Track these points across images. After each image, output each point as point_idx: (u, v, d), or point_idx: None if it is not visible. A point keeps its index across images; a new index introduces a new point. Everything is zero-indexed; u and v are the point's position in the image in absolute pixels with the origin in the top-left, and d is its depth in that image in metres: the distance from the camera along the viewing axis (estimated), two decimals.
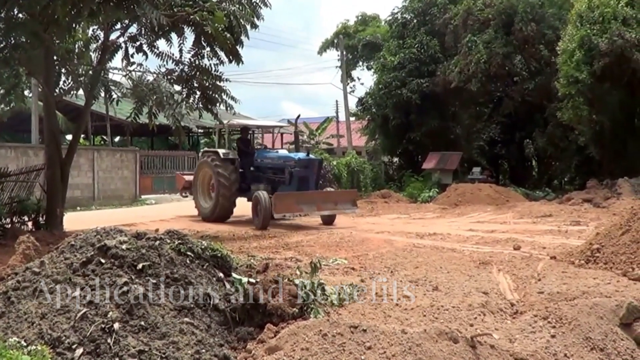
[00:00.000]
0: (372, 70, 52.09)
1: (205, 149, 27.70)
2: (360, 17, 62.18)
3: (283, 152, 28.04)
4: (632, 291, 9.45)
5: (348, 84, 58.74)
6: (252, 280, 8.58)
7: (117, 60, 25.32)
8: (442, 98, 42.86)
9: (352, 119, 56.22)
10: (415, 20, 45.87)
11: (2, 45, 17.68)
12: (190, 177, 28.54)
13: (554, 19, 39.06)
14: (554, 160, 43.82)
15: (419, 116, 42.92)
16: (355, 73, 63.65)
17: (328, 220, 24.49)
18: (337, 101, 65.77)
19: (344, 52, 56.86)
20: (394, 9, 48.80)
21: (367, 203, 33.57)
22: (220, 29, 17.85)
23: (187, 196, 29.37)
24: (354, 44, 57.93)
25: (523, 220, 23.96)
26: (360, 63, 60.86)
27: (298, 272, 10.08)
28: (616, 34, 29.69)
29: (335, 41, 59.34)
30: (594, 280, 10.30)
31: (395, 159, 51.43)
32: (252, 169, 26.19)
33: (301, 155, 25.17)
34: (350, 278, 11.23)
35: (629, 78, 31.86)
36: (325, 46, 61.75)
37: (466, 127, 45.73)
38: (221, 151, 25.90)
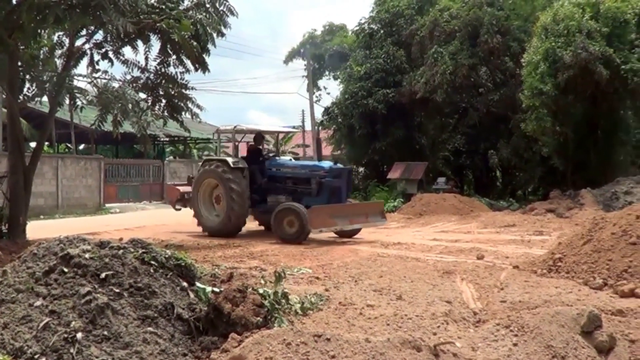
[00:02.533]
0: (339, 80, 52.19)
1: (209, 156, 25.95)
2: (327, 27, 62.30)
3: (302, 161, 26.40)
4: (593, 300, 9.58)
5: (314, 93, 58.98)
6: (216, 289, 8.58)
7: (82, 67, 25.22)
8: (408, 108, 42.98)
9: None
10: (382, 31, 45.96)
11: None
12: (186, 188, 26.28)
13: (520, 32, 39.38)
14: (518, 170, 43.99)
15: (384, 126, 43.02)
16: (321, 82, 63.81)
17: (350, 234, 22.71)
18: (303, 111, 66.02)
19: (311, 62, 56.98)
20: (361, 19, 48.87)
21: None
22: (186, 36, 17.85)
23: (180, 209, 26.97)
24: (320, 54, 58.07)
25: (487, 230, 24.11)
26: (327, 73, 61.02)
27: (262, 282, 10.13)
28: (580, 47, 29.98)
29: (302, 50, 59.51)
30: (556, 289, 10.42)
31: (361, 169, 51.49)
32: (264, 179, 23.89)
33: (328, 164, 23.97)
34: (315, 287, 11.29)
35: (593, 90, 32.18)
36: (292, 55, 61.89)
37: (431, 137, 45.89)
38: (230, 159, 23.59)
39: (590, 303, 9.05)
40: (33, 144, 35.64)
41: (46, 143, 38.96)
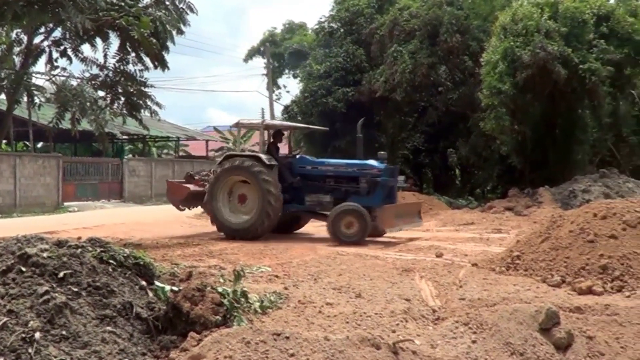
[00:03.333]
0: (298, 78, 52.26)
1: (231, 152, 23.52)
2: (287, 25, 62.29)
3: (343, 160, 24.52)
4: (551, 297, 9.64)
5: (274, 91, 58.93)
6: (175, 288, 8.54)
7: (40, 65, 25.05)
8: (368, 107, 42.98)
9: None
10: (342, 30, 46.04)
11: None
12: (196, 188, 24.16)
13: (479, 31, 39.58)
14: (477, 169, 44.23)
15: (344, 125, 42.95)
16: (281, 81, 63.85)
17: (377, 234, 21.49)
18: (262, 109, 65.80)
19: (271, 60, 56.93)
20: (321, 18, 48.96)
21: None
22: (146, 34, 17.76)
23: (184, 209, 25.23)
24: (280, 52, 58.04)
25: (446, 228, 24.25)
26: (287, 71, 61.02)
27: (221, 280, 10.10)
28: (539, 47, 30.19)
29: (262, 49, 59.41)
30: (514, 287, 10.48)
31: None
32: (297, 177, 22.58)
33: (376, 162, 22.75)
34: (274, 286, 11.25)
35: (551, 90, 32.43)
36: (252, 53, 61.78)
37: (391, 136, 46.00)
38: (263, 156, 21.97)
39: (549, 300, 9.10)
40: None
41: (4, 141, 38.69)
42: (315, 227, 24.42)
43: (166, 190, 25.18)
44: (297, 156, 23.82)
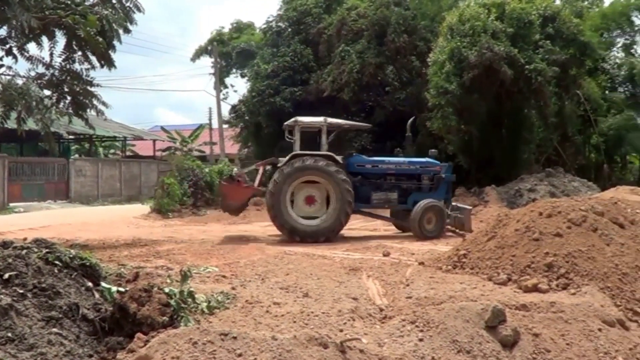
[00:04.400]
0: (246, 77, 52.18)
1: (299, 151, 21.51)
2: (235, 25, 62.08)
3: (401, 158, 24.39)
4: (497, 295, 9.70)
5: (221, 91, 58.73)
6: (121, 289, 8.48)
7: None
8: (315, 106, 42.95)
9: (226, 126, 56.11)
10: (289, 29, 46.15)
11: None
12: (255, 190, 23.77)
13: (426, 31, 39.80)
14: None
15: None
16: (229, 80, 63.62)
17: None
18: (210, 108, 65.72)
19: (218, 59, 56.75)
20: (268, 17, 49.02)
21: None
22: (92, 32, 17.58)
23: (238, 214, 24.69)
24: (228, 51, 57.82)
25: (393, 227, 24.31)
26: (234, 70, 60.81)
27: (169, 281, 10.04)
28: (485, 47, 30.40)
29: (210, 48, 59.18)
30: (461, 285, 10.53)
31: (268, 167, 51.49)
32: (358, 176, 22.69)
33: (433, 159, 23.84)
34: (221, 286, 11.22)
35: (497, 89, 32.65)
36: (199, 53, 61.47)
37: (338, 135, 46.09)
38: (335, 156, 22.18)
39: (495, 298, 9.16)
40: None
41: None
42: (263, 228, 24.43)
43: (222, 195, 23.32)
44: (354, 155, 23.85)
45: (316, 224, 21.15)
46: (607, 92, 42.05)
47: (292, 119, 23.23)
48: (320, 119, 23.10)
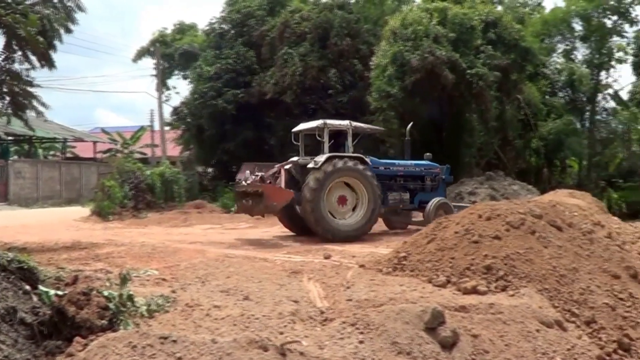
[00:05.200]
0: (188, 79, 51.97)
1: (331, 154, 21.30)
2: (177, 26, 61.74)
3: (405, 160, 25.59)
4: (436, 297, 9.75)
5: (163, 92, 58.40)
6: (60, 292, 8.39)
7: None
8: (258, 109, 43.17)
9: (167, 128, 55.85)
10: (232, 31, 46.16)
11: None
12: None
13: (369, 35, 40.14)
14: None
15: (234, 127, 43.12)
16: (171, 82, 63.16)
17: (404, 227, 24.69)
18: (152, 110, 65.31)
19: (161, 61, 56.45)
20: (211, 19, 48.92)
21: (181, 213, 33.45)
22: (33, 32, 17.42)
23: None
24: (170, 53, 57.50)
25: None
26: (177, 72, 60.47)
27: (108, 284, 9.92)
28: (427, 51, 30.73)
29: (152, 49, 58.81)
30: (401, 287, 10.55)
31: (210, 169, 51.43)
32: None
33: (430, 162, 25.43)
34: (161, 289, 11.13)
35: (439, 93, 32.98)
36: (141, 54, 60.97)
37: (280, 138, 46.09)
38: (365, 157, 22.74)
39: (434, 300, 9.21)
40: None
41: None
42: (203, 230, 24.36)
43: (264, 197, 21.96)
44: (367, 157, 23.43)
45: (350, 224, 21.74)
46: (547, 96, 42.62)
47: (321, 122, 23.37)
48: (346, 122, 23.66)
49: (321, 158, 21.96)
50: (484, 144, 37.17)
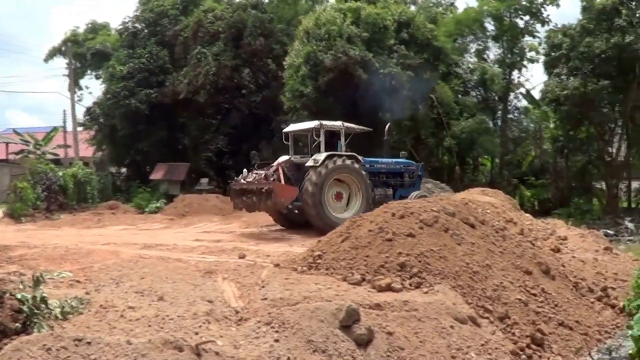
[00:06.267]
0: (101, 79, 51.36)
1: (330, 152, 22.23)
2: (90, 25, 60.91)
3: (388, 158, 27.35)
4: (351, 295, 9.81)
5: (76, 92, 57.60)
6: None
7: None
8: (171, 109, 42.96)
9: (80, 129, 55.10)
10: (146, 30, 45.79)
11: None
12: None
13: (283, 34, 40.22)
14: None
15: (147, 126, 42.83)
16: (83, 82, 62.13)
17: None
18: (64, 110, 64.27)
19: (73, 60, 55.68)
20: (124, 18, 48.35)
21: (94, 214, 33.06)
22: None
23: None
24: (83, 52, 56.73)
25: (249, 230, 24.47)
26: (89, 72, 59.68)
27: (21, 287, 9.79)
28: (341, 51, 30.90)
29: (64, 49, 57.95)
30: (316, 286, 10.59)
31: (123, 170, 50.96)
32: None
33: (406, 160, 27.37)
34: (75, 291, 11.01)
35: (352, 93, 33.11)
36: (53, 53, 59.94)
37: (194, 138, 46.00)
38: (358, 156, 24.47)
39: (349, 298, 9.27)
40: None
41: None
42: (117, 231, 24.16)
43: (273, 194, 22.96)
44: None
45: (347, 218, 20.88)
46: (459, 96, 42.96)
47: (317, 123, 24.71)
48: (339, 123, 25.28)
49: (320, 156, 23.43)
50: (397, 142, 37.37)
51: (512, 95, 47.44)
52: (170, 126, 44.54)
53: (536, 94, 46.77)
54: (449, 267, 10.85)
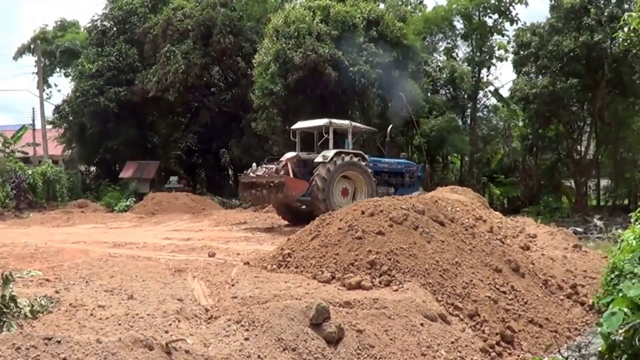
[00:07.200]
0: (70, 77, 51.14)
1: (337, 150, 25.02)
2: (59, 23, 60.58)
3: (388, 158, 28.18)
4: (321, 293, 9.83)
5: (45, 90, 57.27)
6: None
7: None
8: (140, 107, 42.89)
9: (49, 127, 54.79)
10: (115, 28, 45.68)
11: None
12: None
13: (252, 33, 40.21)
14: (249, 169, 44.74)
15: (116, 125, 42.70)
16: (52, 80, 62.25)
17: None
18: (33, 108, 63.85)
19: (42, 58, 55.35)
20: (94, 16, 48.08)
21: (64, 213, 32.98)
22: None
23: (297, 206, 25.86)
24: (52, 50, 56.41)
25: (219, 228, 24.43)
26: (58, 70, 59.36)
27: None
28: (310, 49, 30.90)
29: (33, 46, 57.60)
30: (286, 284, 10.60)
31: (93, 168, 50.75)
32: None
33: (407, 160, 28.66)
34: (45, 290, 10.95)
35: (322, 91, 33.14)
36: (22, 51, 59.62)
37: (164, 136, 45.99)
38: (364, 154, 25.51)
39: (319, 296, 9.29)
40: None
41: None
42: (86, 229, 24.07)
43: (286, 187, 23.85)
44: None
45: None
46: (429, 94, 43.09)
47: (327, 120, 25.59)
48: (347, 122, 26.50)
49: (329, 153, 24.48)
50: (366, 141, 37.43)
51: (481, 93, 47.88)
52: (139, 124, 44.45)
53: (505, 93, 47.15)
54: (418, 265, 10.88)
